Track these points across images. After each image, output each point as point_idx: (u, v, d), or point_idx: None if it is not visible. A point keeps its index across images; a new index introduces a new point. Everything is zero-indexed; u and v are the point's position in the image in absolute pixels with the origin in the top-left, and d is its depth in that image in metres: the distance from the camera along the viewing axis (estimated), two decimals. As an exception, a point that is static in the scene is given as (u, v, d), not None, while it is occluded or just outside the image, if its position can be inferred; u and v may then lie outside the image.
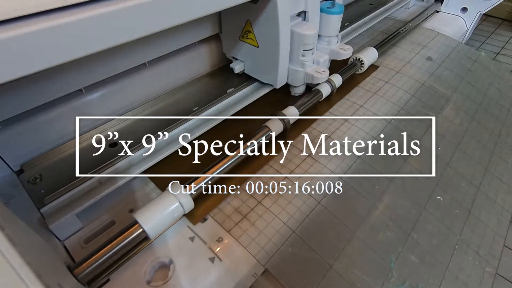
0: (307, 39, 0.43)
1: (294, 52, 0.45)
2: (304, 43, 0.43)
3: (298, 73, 0.47)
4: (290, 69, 0.47)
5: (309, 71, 0.46)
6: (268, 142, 0.42)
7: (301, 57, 0.45)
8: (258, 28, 0.42)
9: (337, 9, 0.47)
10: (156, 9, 0.26)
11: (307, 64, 0.46)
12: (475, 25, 0.85)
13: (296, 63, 0.46)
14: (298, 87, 0.50)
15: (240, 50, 0.48)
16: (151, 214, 0.30)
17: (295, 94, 0.52)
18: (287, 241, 0.33)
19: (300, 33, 0.43)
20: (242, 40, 0.46)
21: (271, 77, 0.47)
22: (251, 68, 0.49)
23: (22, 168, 0.36)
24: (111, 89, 0.42)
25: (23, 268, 0.16)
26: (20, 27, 0.20)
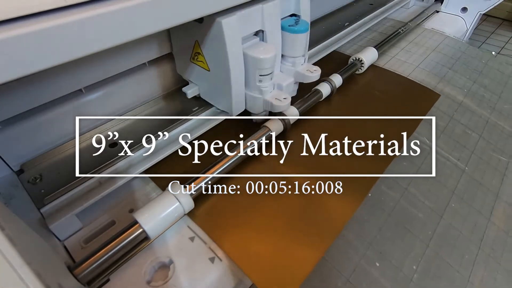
0: (263, 63, 0.37)
1: (250, 77, 0.39)
2: (260, 68, 0.38)
3: (257, 100, 0.41)
4: (247, 95, 0.41)
5: (268, 98, 0.40)
6: (268, 142, 0.42)
7: (258, 82, 0.40)
8: (207, 50, 0.38)
9: (302, 27, 0.41)
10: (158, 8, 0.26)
11: (265, 90, 0.40)
12: (475, 25, 0.85)
13: (253, 89, 0.40)
14: (259, 114, 0.44)
15: (193, 73, 0.43)
16: (151, 214, 0.30)
17: (256, 121, 0.46)
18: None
19: (254, 57, 0.37)
20: (193, 62, 0.41)
21: (226, 104, 0.42)
22: (206, 92, 0.44)
23: (22, 168, 0.36)
24: (111, 89, 0.42)
25: (23, 268, 0.16)
26: (20, 27, 0.20)
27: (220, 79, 0.38)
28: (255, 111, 0.43)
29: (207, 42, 0.37)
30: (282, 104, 0.40)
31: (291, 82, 0.43)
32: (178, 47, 0.43)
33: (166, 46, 0.43)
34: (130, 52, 0.40)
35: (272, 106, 0.41)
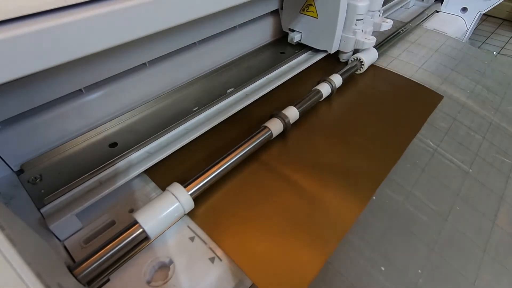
0: (361, 9, 0.51)
1: (348, 21, 0.53)
2: (358, 13, 0.52)
3: (350, 40, 0.55)
4: (343, 37, 0.56)
5: (359, 38, 0.55)
6: (268, 142, 0.42)
7: (354, 26, 0.53)
8: (320, 1, 0.52)
9: None
10: (158, 8, 0.26)
11: (358, 32, 0.55)
12: (475, 25, 0.85)
13: (348, 31, 0.55)
14: (347, 53, 0.58)
15: (299, 22, 0.57)
16: (151, 214, 0.30)
17: (343, 60, 0.60)
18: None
19: (355, 5, 0.51)
20: (302, 13, 0.55)
21: (327, 44, 0.56)
22: (308, 37, 0.58)
23: (22, 168, 0.36)
24: (111, 89, 0.42)
25: (23, 268, 0.16)
26: (20, 27, 0.20)
27: (327, 23, 0.53)
28: (346, 49, 0.57)
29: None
30: (370, 41, 0.55)
31: (372, 29, 0.58)
32: (288, 3, 0.57)
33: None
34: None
35: (363, 44, 0.55)
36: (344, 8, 0.51)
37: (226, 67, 0.55)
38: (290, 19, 0.59)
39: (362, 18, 0.53)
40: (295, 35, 0.59)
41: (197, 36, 0.49)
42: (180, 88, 0.49)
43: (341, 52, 0.59)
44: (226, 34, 0.54)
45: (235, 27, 0.55)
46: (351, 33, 0.55)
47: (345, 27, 0.54)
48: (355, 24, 0.53)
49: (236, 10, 0.52)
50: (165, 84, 0.48)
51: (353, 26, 0.54)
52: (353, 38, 0.55)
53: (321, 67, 0.59)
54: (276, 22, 0.63)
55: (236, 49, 0.58)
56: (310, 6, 0.53)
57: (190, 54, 0.50)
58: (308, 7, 0.54)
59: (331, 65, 0.60)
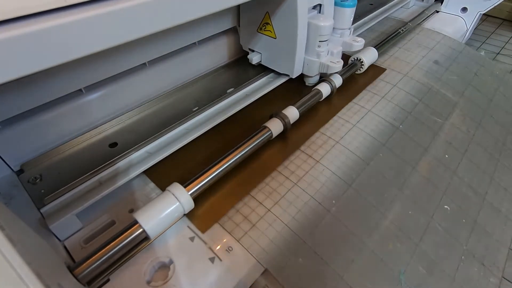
0: (324, 30, 0.46)
1: (310, 43, 0.47)
2: (320, 34, 0.46)
3: (314, 63, 0.49)
4: (306, 60, 0.49)
5: (324, 61, 0.49)
6: (268, 142, 0.42)
7: (317, 48, 0.48)
8: (277, 20, 0.45)
9: (351, 3, 0.49)
10: (159, 8, 0.26)
11: (322, 54, 0.49)
12: (475, 25, 0.85)
13: (312, 54, 0.49)
14: (312, 77, 0.53)
15: (258, 42, 0.51)
16: (151, 214, 0.30)
17: (309, 84, 0.54)
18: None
19: (317, 25, 0.45)
20: (260, 32, 0.49)
21: (288, 67, 0.50)
22: (268, 59, 0.52)
23: (22, 168, 0.36)
24: (111, 89, 0.42)
25: (23, 268, 0.16)
26: (20, 27, 0.20)
27: (285, 45, 0.47)
28: (311, 73, 0.51)
29: (279, 13, 0.44)
30: (336, 65, 0.48)
31: (340, 50, 0.51)
32: (245, 20, 0.50)
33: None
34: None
35: (328, 68, 0.49)
36: (303, 28, 0.45)
37: (230, 65, 0.54)
38: (248, 38, 0.52)
39: (326, 39, 0.47)
40: (255, 55, 0.52)
41: (197, 36, 0.49)
42: (180, 88, 0.49)
43: (306, 76, 0.53)
44: (226, 34, 0.54)
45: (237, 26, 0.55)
46: (315, 55, 0.49)
47: (307, 49, 0.48)
48: (318, 46, 0.47)
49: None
50: (165, 84, 0.48)
51: (317, 48, 0.48)
52: (317, 61, 0.49)
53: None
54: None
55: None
56: (267, 25, 0.47)
57: (190, 54, 0.50)
58: (265, 26, 0.47)
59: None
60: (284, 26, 0.45)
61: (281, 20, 0.45)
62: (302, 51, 0.48)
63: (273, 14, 0.45)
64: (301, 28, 0.44)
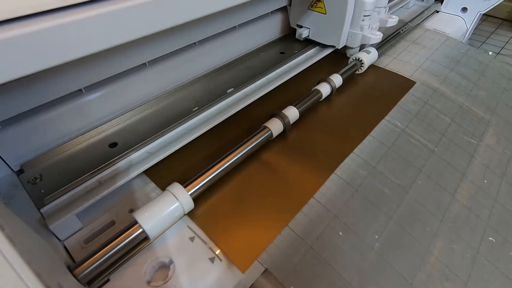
0: (368, 6, 0.53)
1: (355, 17, 0.55)
2: (365, 9, 0.53)
3: (357, 35, 0.57)
4: (350, 33, 0.57)
5: (366, 34, 0.57)
6: (268, 142, 0.42)
7: (361, 22, 0.55)
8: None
9: None
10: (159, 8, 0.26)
11: (365, 27, 0.56)
12: (475, 25, 0.85)
13: (356, 27, 0.56)
14: (354, 48, 0.60)
15: (308, 18, 0.59)
16: (151, 214, 0.30)
17: (350, 56, 0.61)
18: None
19: (362, 1, 0.53)
20: (311, 9, 0.57)
21: (335, 39, 0.57)
22: (316, 33, 0.60)
23: (22, 168, 0.36)
24: (111, 89, 0.42)
25: (23, 268, 0.16)
26: (20, 27, 0.20)
27: (335, 19, 0.55)
28: (353, 45, 0.59)
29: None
30: (376, 37, 0.57)
31: (378, 25, 0.59)
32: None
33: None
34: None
35: (370, 39, 0.57)
36: (352, 4, 0.52)
37: (229, 65, 0.55)
38: (298, 16, 0.60)
39: (369, 14, 0.54)
40: (303, 31, 0.60)
41: (198, 36, 0.49)
42: (180, 88, 0.49)
43: (348, 47, 0.60)
44: (231, 32, 0.54)
45: (236, 27, 0.55)
46: (358, 28, 0.56)
47: (352, 23, 0.56)
48: (362, 20, 0.55)
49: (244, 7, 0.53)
50: (165, 84, 0.48)
51: (360, 22, 0.55)
52: (360, 33, 0.56)
53: (328, 62, 0.60)
54: (283, 19, 0.64)
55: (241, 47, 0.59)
56: (319, 2, 0.55)
57: (190, 54, 0.50)
58: (316, 3, 0.55)
59: (337, 61, 0.61)
60: (334, 2, 0.53)
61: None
62: (349, 25, 0.55)
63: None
64: (350, 4, 0.52)
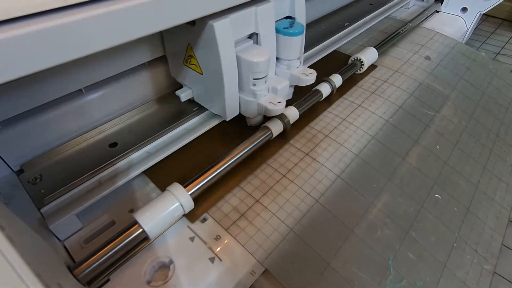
0: (257, 67, 0.37)
1: (243, 80, 0.38)
2: (254, 71, 0.37)
3: (250, 103, 0.40)
4: (241, 99, 0.40)
5: (262, 102, 0.39)
6: (268, 141, 0.42)
7: (251, 86, 0.39)
8: (200, 53, 0.37)
9: (297, 30, 0.40)
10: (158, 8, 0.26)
11: (259, 94, 0.39)
12: (475, 25, 0.85)
13: (247, 93, 0.40)
14: (253, 118, 0.44)
15: (186, 76, 0.42)
16: (151, 214, 0.30)
17: (251, 125, 0.45)
18: (285, 239, 0.33)
19: (247, 60, 0.36)
20: (186, 65, 0.40)
21: (220, 108, 0.41)
22: (199, 96, 0.43)
23: (22, 168, 0.36)
24: (111, 89, 0.42)
25: (23, 268, 0.16)
26: (20, 27, 0.20)
27: (213, 82, 0.38)
28: (249, 115, 0.42)
29: (200, 45, 0.36)
30: (276, 108, 0.39)
31: (286, 85, 0.41)
32: (171, 50, 0.41)
33: (159, 49, 0.42)
34: (127, 53, 0.40)
35: (266, 110, 0.39)
36: (230, 64, 0.36)
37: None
38: (176, 71, 0.43)
39: (262, 76, 0.38)
40: (185, 91, 0.43)
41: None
42: (180, 88, 0.49)
43: (247, 116, 0.44)
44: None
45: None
46: (251, 95, 0.39)
47: (242, 88, 0.39)
48: (253, 84, 0.38)
49: None
50: (165, 84, 0.48)
51: (251, 87, 0.39)
52: (254, 101, 0.40)
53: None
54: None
55: None
56: (192, 58, 0.38)
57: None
58: (189, 58, 0.39)
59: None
60: (207, 60, 0.37)
61: (204, 54, 0.36)
62: (234, 90, 0.39)
63: (195, 46, 0.36)
64: (227, 63, 0.35)
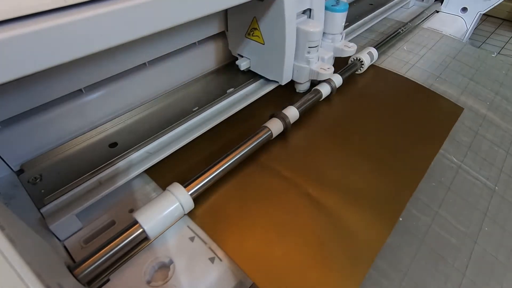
0: (313, 36, 0.44)
1: (299, 49, 0.45)
2: (310, 40, 0.44)
3: (303, 70, 0.47)
4: (295, 66, 0.47)
5: (314, 68, 0.47)
6: (268, 142, 0.42)
7: (306, 54, 0.46)
8: (264, 25, 0.43)
9: (342, 7, 0.48)
10: (158, 8, 0.26)
11: (312, 61, 0.47)
12: (475, 25, 0.85)
13: (301, 60, 0.47)
14: (303, 83, 0.51)
15: (246, 48, 0.49)
16: (151, 214, 0.30)
17: (299, 91, 0.52)
18: None
19: (306, 31, 0.43)
20: (248, 37, 0.47)
21: (277, 74, 0.47)
22: (257, 65, 0.50)
23: (22, 168, 0.36)
24: (111, 89, 0.42)
25: (23, 268, 0.16)
26: (20, 27, 0.20)
27: (274, 51, 0.45)
28: (301, 80, 0.49)
29: (266, 18, 0.42)
30: (326, 72, 0.47)
31: (332, 55, 0.50)
32: (233, 25, 0.48)
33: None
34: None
35: (318, 75, 0.47)
36: (292, 34, 0.43)
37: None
38: (236, 44, 0.50)
39: (315, 45, 0.45)
40: (243, 61, 0.50)
41: (198, 36, 0.49)
42: (180, 88, 0.49)
43: (297, 82, 0.51)
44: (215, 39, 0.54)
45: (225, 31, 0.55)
46: (305, 62, 0.47)
47: (297, 55, 0.46)
48: (308, 52, 0.45)
49: None
50: (165, 84, 0.48)
51: (306, 55, 0.46)
52: (307, 67, 0.47)
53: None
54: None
55: None
56: (255, 30, 0.45)
57: (190, 54, 0.50)
58: (253, 31, 0.45)
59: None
60: (272, 31, 0.43)
61: (269, 26, 0.43)
62: (291, 58, 0.46)
63: (261, 19, 0.43)
64: (289, 34, 0.42)
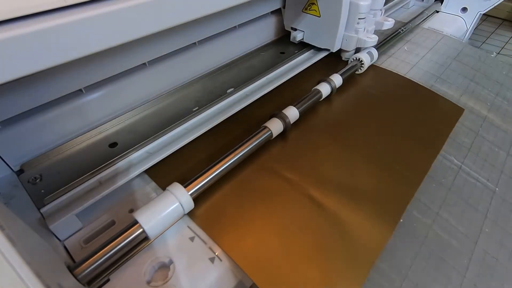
0: (363, 8, 0.53)
1: (350, 20, 0.55)
2: (360, 12, 0.53)
3: (352, 38, 0.57)
4: (345, 36, 0.57)
5: (361, 37, 0.56)
6: (268, 142, 0.42)
7: (356, 24, 0.55)
8: (323, 0, 0.53)
9: None
10: (158, 9, 0.26)
11: (360, 30, 0.55)
12: (475, 25, 0.85)
13: (350, 30, 0.56)
14: (349, 51, 0.59)
15: (302, 21, 0.58)
16: (151, 214, 0.30)
17: (345, 59, 0.61)
18: None
19: (357, 4, 0.52)
20: (305, 12, 0.56)
21: (329, 42, 0.57)
22: (310, 36, 0.60)
23: (22, 168, 0.36)
24: (111, 89, 0.42)
25: (23, 268, 0.16)
26: (20, 27, 0.20)
27: (329, 22, 0.55)
28: (348, 48, 0.58)
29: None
30: (372, 40, 0.56)
31: (373, 28, 0.59)
32: (291, 2, 0.58)
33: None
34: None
35: (365, 42, 0.56)
36: (346, 7, 0.52)
37: (226, 67, 0.55)
38: (292, 18, 0.60)
39: (364, 17, 0.54)
40: (298, 34, 0.60)
41: (197, 36, 0.49)
42: (180, 88, 0.49)
43: (343, 50, 0.60)
44: (226, 34, 0.54)
45: (236, 27, 0.55)
46: (353, 31, 0.56)
47: (347, 26, 0.55)
48: (357, 23, 0.54)
49: (238, 10, 0.53)
50: (165, 84, 0.48)
51: (355, 25, 0.55)
52: (355, 36, 0.56)
53: (323, 66, 0.59)
54: (278, 21, 0.63)
55: (237, 49, 0.58)
56: (313, 5, 0.54)
57: (190, 54, 0.50)
58: (310, 6, 0.55)
59: (333, 64, 0.60)
60: (329, 5, 0.53)
61: (327, 0, 0.52)
62: (343, 28, 0.55)
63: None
64: (345, 6, 0.51)
